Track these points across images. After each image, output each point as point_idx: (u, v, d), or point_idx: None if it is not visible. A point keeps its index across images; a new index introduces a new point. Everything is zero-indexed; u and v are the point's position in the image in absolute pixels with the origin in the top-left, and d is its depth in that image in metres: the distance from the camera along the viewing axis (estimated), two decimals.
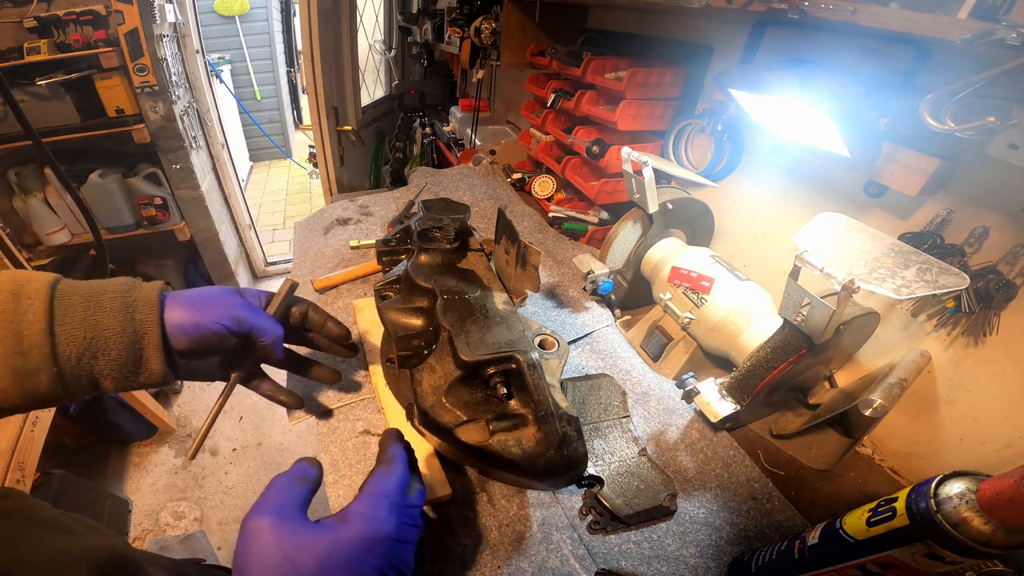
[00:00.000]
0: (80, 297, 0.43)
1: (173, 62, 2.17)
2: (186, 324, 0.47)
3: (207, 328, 0.48)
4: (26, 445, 1.30)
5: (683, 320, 0.90)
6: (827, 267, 0.60)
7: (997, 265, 0.65)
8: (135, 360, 0.45)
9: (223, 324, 0.49)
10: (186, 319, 0.47)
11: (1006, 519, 0.38)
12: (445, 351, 0.69)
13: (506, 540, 0.64)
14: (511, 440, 0.60)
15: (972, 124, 0.53)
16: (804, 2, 0.61)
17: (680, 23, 1.13)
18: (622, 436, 0.79)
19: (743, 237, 1.08)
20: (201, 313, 0.48)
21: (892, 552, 0.45)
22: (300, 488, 0.41)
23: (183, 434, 2.16)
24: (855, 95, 0.69)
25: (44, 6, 1.86)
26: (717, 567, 0.63)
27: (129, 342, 0.44)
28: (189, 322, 0.47)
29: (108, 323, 0.43)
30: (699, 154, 1.12)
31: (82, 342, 0.42)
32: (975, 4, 0.47)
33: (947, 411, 0.74)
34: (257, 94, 4.85)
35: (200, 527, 1.81)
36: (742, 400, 0.75)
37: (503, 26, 1.44)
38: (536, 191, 1.45)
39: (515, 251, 0.73)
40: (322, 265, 1.15)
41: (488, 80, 2.14)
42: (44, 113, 1.90)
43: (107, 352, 0.43)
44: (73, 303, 0.43)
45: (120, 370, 0.45)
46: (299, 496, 0.40)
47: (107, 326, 0.43)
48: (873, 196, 0.80)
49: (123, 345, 0.44)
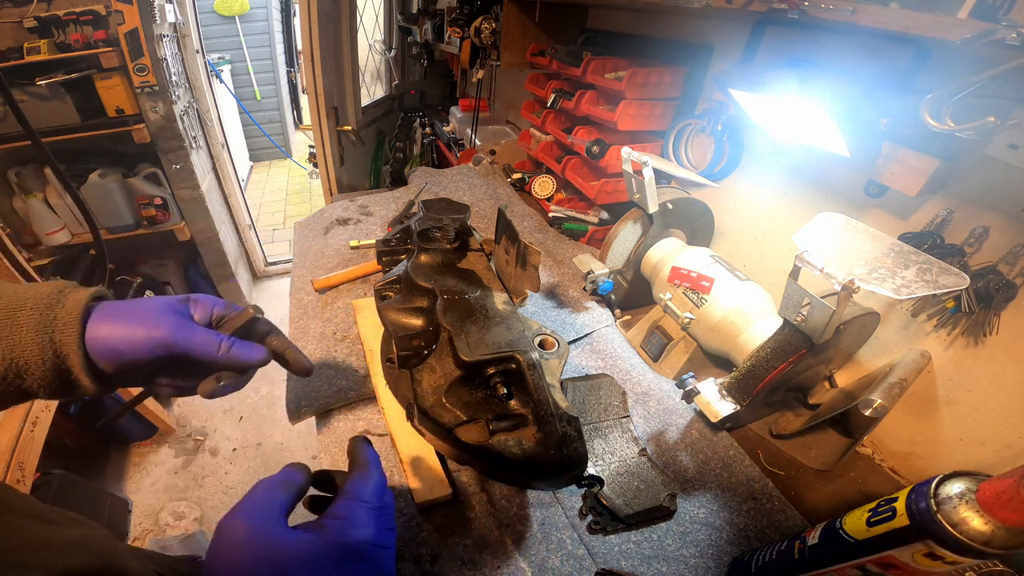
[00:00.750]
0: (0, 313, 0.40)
1: (173, 62, 2.17)
2: (110, 348, 0.42)
3: (131, 356, 0.43)
4: (26, 445, 1.30)
5: (683, 320, 0.90)
6: (827, 267, 0.60)
7: (997, 265, 0.65)
8: (62, 379, 0.42)
9: (151, 350, 0.43)
10: (110, 343, 0.42)
11: (1006, 519, 0.38)
12: (445, 351, 0.69)
13: (506, 540, 0.64)
14: (511, 440, 0.59)
15: (972, 124, 0.53)
16: (804, 2, 0.61)
17: (680, 23, 1.13)
18: (622, 436, 0.79)
19: (743, 237, 1.08)
20: (128, 335, 0.43)
21: (892, 552, 0.45)
22: (283, 493, 0.39)
23: (183, 434, 2.16)
24: (855, 95, 0.69)
25: (44, 6, 1.86)
26: (717, 567, 0.63)
27: (52, 364, 0.41)
28: (113, 346, 0.42)
29: (26, 343, 0.40)
30: (699, 154, 1.12)
31: (2, 363, 0.39)
32: (975, 4, 0.47)
33: (947, 411, 0.74)
34: (257, 94, 4.85)
35: (200, 527, 1.81)
36: (742, 400, 0.75)
37: (503, 26, 1.44)
38: (536, 191, 1.45)
39: (515, 251, 0.73)
40: (322, 265, 1.15)
41: (488, 80, 2.14)
42: (44, 113, 1.90)
43: (30, 372, 0.41)
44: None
45: (50, 387, 0.42)
46: (280, 500, 0.38)
47: (25, 346, 0.40)
48: (873, 196, 0.80)
49: (46, 367, 0.41)
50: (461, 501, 0.68)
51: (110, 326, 0.42)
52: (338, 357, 0.89)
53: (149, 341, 0.43)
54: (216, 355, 0.45)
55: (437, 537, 0.63)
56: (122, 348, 0.42)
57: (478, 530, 0.64)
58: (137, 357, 0.43)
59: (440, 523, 0.65)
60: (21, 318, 0.40)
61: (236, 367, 0.48)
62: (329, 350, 0.90)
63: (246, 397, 2.34)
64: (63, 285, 0.44)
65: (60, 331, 0.41)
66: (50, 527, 0.37)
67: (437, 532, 0.64)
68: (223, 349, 0.46)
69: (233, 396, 2.34)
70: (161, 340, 0.43)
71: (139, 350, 0.43)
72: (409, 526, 0.64)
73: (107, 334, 0.42)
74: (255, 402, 2.31)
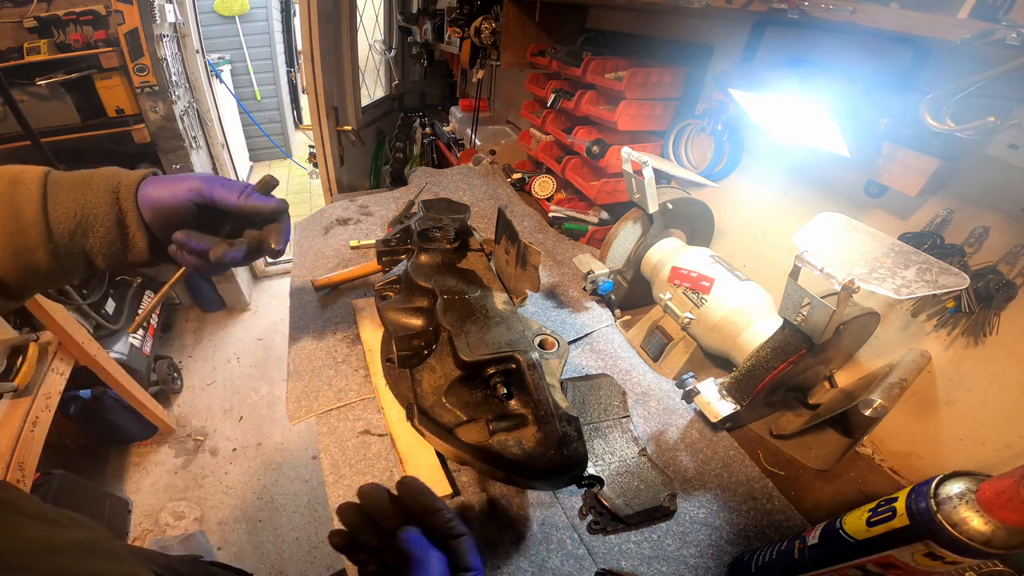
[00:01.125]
0: (71, 181, 0.48)
1: (173, 62, 2.17)
2: (153, 200, 0.51)
3: (168, 202, 0.51)
4: (26, 445, 1.30)
5: (683, 320, 0.90)
6: (827, 267, 0.60)
7: (997, 265, 0.65)
8: (122, 237, 0.50)
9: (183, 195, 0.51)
10: (153, 197, 0.51)
11: (1006, 519, 0.38)
12: (445, 351, 0.69)
13: (506, 540, 0.64)
14: (511, 440, 0.59)
15: (972, 124, 0.53)
16: (804, 2, 0.61)
17: (680, 23, 1.13)
18: (622, 436, 0.79)
19: (743, 237, 1.08)
20: (166, 188, 0.51)
21: (892, 552, 0.45)
22: None
23: (183, 434, 2.16)
24: (855, 95, 0.69)
25: (44, 6, 1.86)
26: (717, 567, 0.63)
27: (115, 219, 0.49)
28: (153, 197, 0.51)
29: (96, 201, 0.48)
30: (699, 154, 1.12)
31: (73, 219, 0.47)
32: (975, 4, 0.47)
33: (947, 411, 0.74)
34: (257, 94, 4.85)
35: (200, 527, 1.81)
36: (742, 400, 0.75)
37: (503, 26, 1.44)
38: (536, 191, 1.45)
39: (515, 251, 0.73)
40: (322, 265, 1.15)
41: (488, 80, 2.14)
42: (44, 113, 1.90)
43: (96, 229, 0.48)
44: (64, 186, 0.47)
45: (109, 247, 0.50)
46: None
47: (95, 204, 0.48)
48: (873, 196, 0.80)
49: (110, 223, 0.49)
50: (461, 501, 0.68)
51: (155, 186, 0.51)
52: (338, 357, 0.89)
53: (183, 187, 0.51)
54: (236, 200, 0.52)
55: None
56: (160, 197, 0.51)
57: (478, 530, 0.64)
58: (172, 204, 0.51)
59: None
60: (95, 181, 0.49)
61: (253, 211, 0.54)
62: (329, 350, 0.90)
63: (246, 397, 2.34)
64: (117, 168, 0.53)
65: (123, 190, 0.50)
66: (52, 528, 0.37)
67: None
68: (243, 196, 0.52)
69: (233, 396, 2.35)
70: (191, 186, 0.51)
71: (175, 196, 0.51)
72: None
73: (151, 191, 0.51)
74: (255, 402, 2.31)
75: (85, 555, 0.37)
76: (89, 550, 0.37)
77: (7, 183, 0.45)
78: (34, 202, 0.45)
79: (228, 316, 2.90)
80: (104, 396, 1.83)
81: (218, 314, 2.90)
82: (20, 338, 1.48)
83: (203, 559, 0.67)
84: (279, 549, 1.75)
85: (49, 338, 1.54)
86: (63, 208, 0.47)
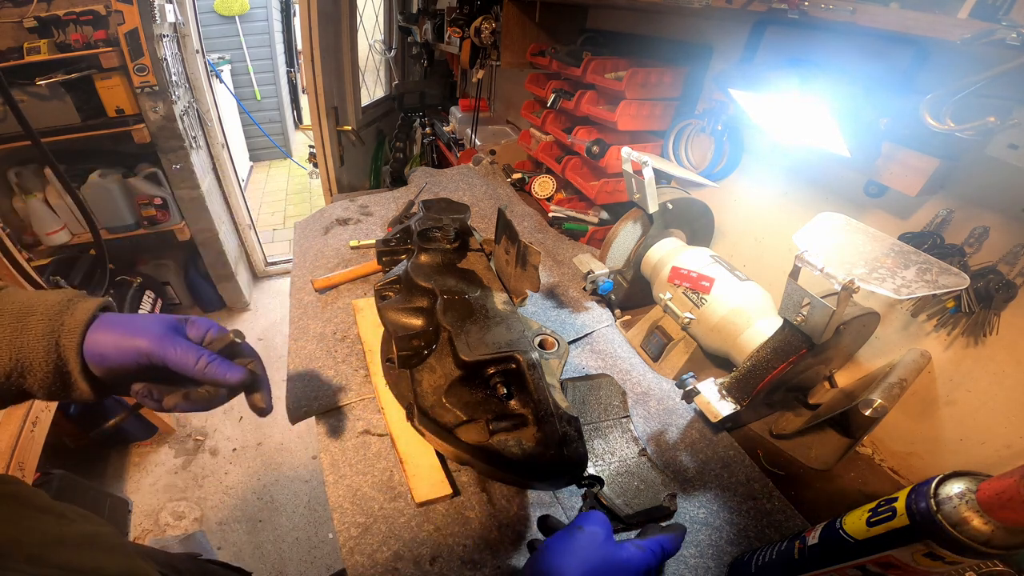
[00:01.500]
0: (10, 316, 0.43)
1: (173, 62, 2.17)
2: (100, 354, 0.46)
3: (117, 361, 0.46)
4: (26, 445, 1.30)
5: (683, 320, 0.90)
6: (827, 267, 0.60)
7: (997, 265, 0.65)
8: (62, 382, 0.45)
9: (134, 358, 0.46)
10: (101, 348, 0.45)
11: (1006, 519, 0.38)
12: (445, 351, 0.69)
13: (506, 540, 0.64)
14: (511, 440, 0.59)
15: (972, 124, 0.53)
16: (804, 2, 0.61)
17: (680, 23, 1.13)
18: (622, 436, 0.79)
19: (743, 237, 1.08)
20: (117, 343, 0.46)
21: (892, 552, 0.45)
22: None
23: (183, 434, 2.16)
24: (855, 95, 0.69)
25: (44, 6, 1.86)
26: (717, 567, 0.63)
27: (54, 367, 0.44)
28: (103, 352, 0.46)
29: (33, 346, 0.43)
30: (699, 154, 1.12)
31: (8, 362, 0.43)
32: (975, 4, 0.47)
33: (947, 411, 0.74)
34: (257, 94, 4.85)
35: (200, 527, 1.81)
36: (742, 400, 0.75)
37: (503, 26, 1.44)
38: (536, 191, 1.45)
39: (515, 251, 0.73)
40: (322, 265, 1.15)
41: (488, 80, 2.14)
42: (44, 113, 1.90)
43: (33, 372, 0.44)
44: (3, 322, 0.43)
45: (49, 388, 0.45)
46: None
47: (32, 349, 0.43)
48: (873, 196, 0.80)
49: (48, 369, 0.44)
50: (461, 501, 0.68)
51: (104, 334, 0.46)
52: (338, 357, 0.89)
53: (133, 349, 0.46)
54: (193, 368, 0.47)
55: (437, 537, 0.63)
56: (109, 353, 0.45)
57: (478, 530, 0.64)
58: (122, 363, 0.46)
59: (440, 523, 0.65)
60: (32, 322, 0.43)
61: (212, 383, 0.50)
62: (329, 350, 0.90)
63: None
64: (73, 295, 0.47)
65: (65, 336, 0.44)
66: (62, 522, 0.39)
67: (437, 532, 0.64)
68: (201, 364, 0.48)
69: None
70: (143, 349, 0.46)
71: (124, 356, 0.46)
72: (409, 526, 0.64)
73: (100, 340, 0.45)
74: None
75: (93, 548, 0.38)
76: (96, 543, 0.39)
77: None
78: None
79: (228, 316, 2.89)
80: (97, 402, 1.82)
81: (218, 314, 2.90)
82: None
83: (201, 557, 0.67)
84: (279, 549, 1.75)
85: None
86: None
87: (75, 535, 0.40)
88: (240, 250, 3.00)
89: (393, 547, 0.62)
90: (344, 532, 0.63)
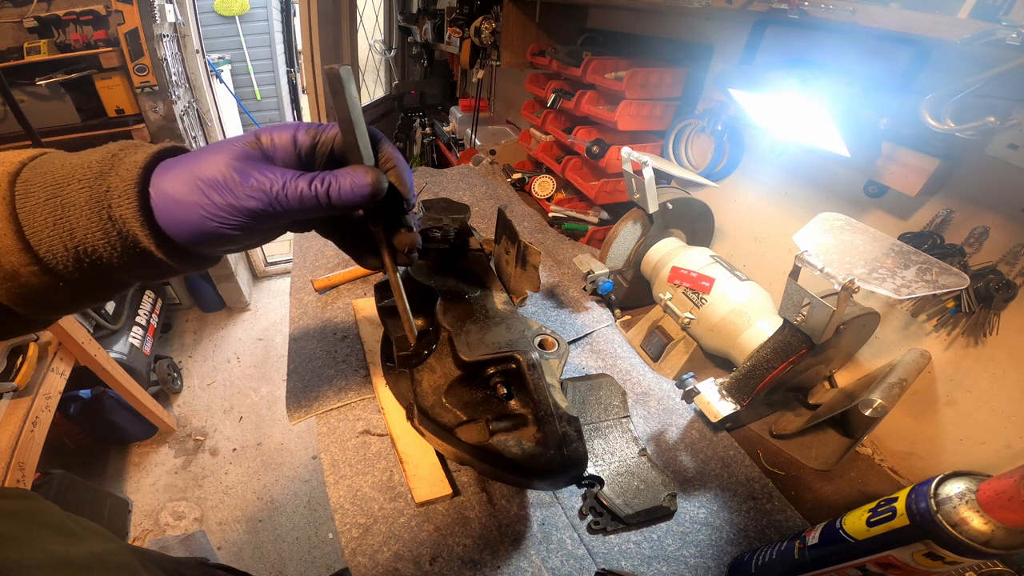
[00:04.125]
0: (43, 191, 0.31)
1: (173, 62, 2.17)
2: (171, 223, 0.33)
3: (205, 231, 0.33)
4: (26, 445, 1.29)
5: (683, 320, 0.90)
6: (827, 267, 0.60)
7: (997, 265, 0.65)
8: (144, 260, 0.33)
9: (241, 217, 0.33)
10: (166, 220, 0.33)
11: (1006, 519, 0.38)
12: (445, 351, 0.69)
13: (506, 540, 0.64)
14: (511, 440, 0.59)
15: (972, 124, 0.53)
16: (804, 2, 0.61)
17: (680, 23, 1.13)
18: (622, 436, 0.79)
19: (743, 237, 1.08)
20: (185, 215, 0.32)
21: (892, 552, 0.45)
22: None
23: (183, 434, 2.16)
24: (855, 95, 0.69)
25: (44, 6, 1.86)
26: (717, 567, 0.63)
27: (121, 247, 0.32)
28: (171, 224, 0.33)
29: (83, 225, 0.31)
30: (699, 154, 1.12)
31: (67, 252, 0.31)
32: (975, 4, 0.47)
33: (947, 411, 0.74)
34: (257, 94, 4.84)
35: (200, 527, 1.81)
36: (742, 400, 0.75)
37: (503, 26, 1.44)
38: (536, 191, 1.45)
39: (515, 251, 0.73)
40: (322, 265, 1.15)
41: (488, 80, 2.14)
42: (44, 113, 1.90)
43: (104, 257, 0.32)
44: (37, 204, 0.31)
45: (134, 270, 0.34)
46: None
47: (84, 229, 0.31)
48: (873, 196, 0.80)
49: (116, 251, 0.32)
50: (461, 501, 0.68)
51: (162, 197, 0.32)
52: (338, 357, 0.89)
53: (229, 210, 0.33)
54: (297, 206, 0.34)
55: (437, 537, 0.63)
56: (178, 226, 0.33)
57: (478, 530, 0.64)
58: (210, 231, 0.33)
59: (440, 523, 0.65)
60: (70, 195, 0.31)
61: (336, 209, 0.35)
62: (329, 350, 0.90)
63: (246, 397, 2.34)
64: (119, 146, 0.34)
65: (117, 204, 0.31)
66: (70, 541, 0.36)
67: (437, 532, 0.64)
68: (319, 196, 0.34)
69: (233, 396, 2.35)
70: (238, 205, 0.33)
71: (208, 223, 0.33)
72: (409, 526, 0.64)
73: (161, 206, 0.32)
74: (255, 402, 2.31)
75: (101, 569, 0.37)
76: (105, 564, 0.37)
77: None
78: (6, 236, 0.30)
79: (228, 316, 2.89)
80: (104, 396, 1.83)
81: (218, 314, 2.90)
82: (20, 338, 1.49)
83: (209, 562, 0.67)
84: (279, 549, 1.75)
85: (49, 338, 1.54)
86: (47, 240, 0.31)
87: (84, 555, 0.35)
88: None
89: (393, 547, 0.62)
90: (346, 533, 0.63)
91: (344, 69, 0.35)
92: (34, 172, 0.32)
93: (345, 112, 0.37)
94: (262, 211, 0.33)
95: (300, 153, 0.37)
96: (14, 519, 0.34)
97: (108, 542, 0.40)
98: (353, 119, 0.37)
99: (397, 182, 0.39)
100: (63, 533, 0.37)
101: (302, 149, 0.37)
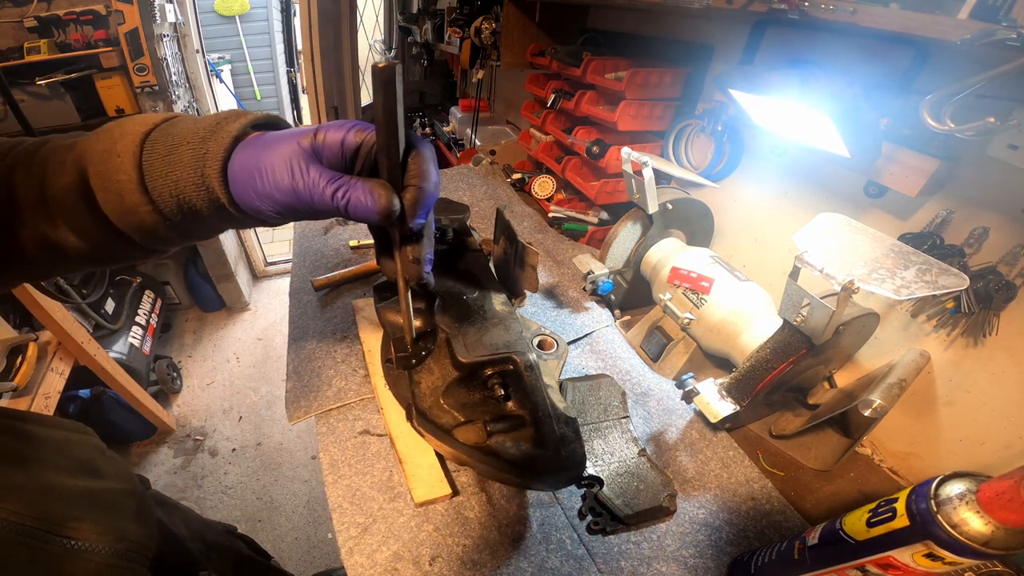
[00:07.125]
0: (164, 149, 0.38)
1: (173, 62, 2.17)
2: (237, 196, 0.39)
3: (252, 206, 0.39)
4: None
5: (683, 320, 0.90)
6: (827, 267, 0.60)
7: (997, 265, 0.65)
8: (225, 212, 0.40)
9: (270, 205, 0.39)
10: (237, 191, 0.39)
11: (1006, 520, 0.38)
12: (443, 352, 0.69)
13: (506, 540, 0.64)
14: (509, 441, 0.59)
15: (972, 125, 0.53)
16: (804, 2, 0.61)
17: (680, 23, 1.13)
18: (622, 436, 0.79)
19: (743, 237, 1.08)
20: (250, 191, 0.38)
21: (892, 553, 0.45)
22: None
23: (182, 434, 2.16)
24: (855, 95, 0.69)
25: (44, 6, 1.86)
26: (717, 567, 0.63)
27: (209, 201, 0.39)
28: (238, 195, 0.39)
29: (185, 180, 0.38)
30: (699, 154, 1.12)
31: (172, 198, 0.38)
32: (975, 4, 0.47)
33: (947, 411, 0.74)
34: (257, 94, 4.84)
35: None
36: (742, 400, 0.75)
37: (503, 26, 1.44)
38: (536, 191, 1.45)
39: (514, 251, 0.73)
40: (322, 265, 1.15)
41: (488, 80, 2.14)
42: (44, 113, 1.90)
43: (195, 205, 0.39)
44: (158, 158, 0.38)
45: (220, 217, 0.41)
46: None
47: (185, 183, 0.38)
48: (873, 196, 0.80)
49: (206, 204, 0.39)
50: (460, 501, 0.68)
51: (232, 172, 0.39)
52: (338, 357, 0.89)
53: (270, 199, 0.38)
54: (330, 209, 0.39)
55: (436, 537, 0.63)
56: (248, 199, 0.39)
57: (477, 530, 0.64)
58: (265, 210, 0.39)
59: (440, 523, 0.65)
60: (180, 154, 0.38)
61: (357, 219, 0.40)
62: (329, 350, 0.90)
63: (246, 397, 2.34)
64: (225, 115, 0.40)
65: (208, 167, 0.38)
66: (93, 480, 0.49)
67: (436, 532, 0.64)
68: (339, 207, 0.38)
69: (232, 396, 2.35)
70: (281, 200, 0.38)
71: (261, 205, 0.39)
72: (408, 526, 0.64)
73: (233, 177, 0.39)
74: (255, 402, 2.31)
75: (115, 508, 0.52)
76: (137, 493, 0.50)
77: (103, 156, 0.38)
78: (131, 182, 0.37)
79: (228, 316, 2.89)
80: (104, 396, 1.83)
81: (218, 314, 2.90)
82: (20, 338, 1.49)
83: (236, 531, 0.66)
84: (278, 549, 1.75)
85: (48, 338, 1.54)
86: (160, 189, 0.38)
87: None
88: (240, 250, 3.00)
89: (392, 547, 0.62)
90: (344, 532, 0.63)
91: (398, 68, 0.37)
92: (161, 133, 0.39)
93: (386, 114, 0.38)
94: (293, 206, 0.39)
95: (345, 153, 0.41)
96: None
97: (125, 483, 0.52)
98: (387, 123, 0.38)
99: (408, 204, 0.40)
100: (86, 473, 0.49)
101: (348, 150, 0.41)
